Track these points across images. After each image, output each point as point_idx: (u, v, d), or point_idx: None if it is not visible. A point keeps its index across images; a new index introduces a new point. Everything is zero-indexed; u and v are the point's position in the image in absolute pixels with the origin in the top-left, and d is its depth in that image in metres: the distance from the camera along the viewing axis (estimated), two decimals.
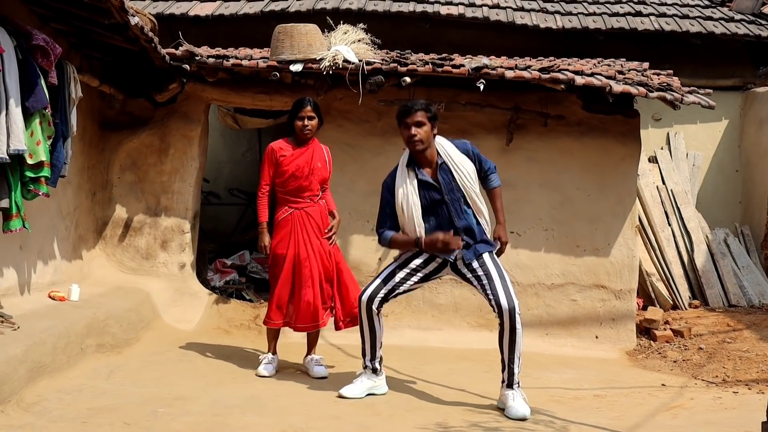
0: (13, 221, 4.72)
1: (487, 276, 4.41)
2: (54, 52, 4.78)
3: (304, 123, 5.15)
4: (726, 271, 8.01)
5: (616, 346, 6.65)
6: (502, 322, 4.34)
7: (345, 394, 4.54)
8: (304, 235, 5.15)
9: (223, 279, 7.77)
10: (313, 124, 5.19)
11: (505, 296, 4.32)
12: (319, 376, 5.10)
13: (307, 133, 5.18)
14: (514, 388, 4.40)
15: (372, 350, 4.60)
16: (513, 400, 4.35)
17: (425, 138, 4.44)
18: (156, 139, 6.87)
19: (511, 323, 4.30)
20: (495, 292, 4.35)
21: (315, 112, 5.20)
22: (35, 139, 4.75)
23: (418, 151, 4.48)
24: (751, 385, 5.37)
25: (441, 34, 8.80)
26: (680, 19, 8.87)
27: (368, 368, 4.63)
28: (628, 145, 6.83)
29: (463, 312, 6.65)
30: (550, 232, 6.81)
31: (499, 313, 4.33)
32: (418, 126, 4.43)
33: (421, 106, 4.48)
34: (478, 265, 4.46)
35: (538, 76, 6.22)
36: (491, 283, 4.38)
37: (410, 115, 4.44)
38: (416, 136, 4.42)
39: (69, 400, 4.15)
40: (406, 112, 4.47)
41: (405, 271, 4.53)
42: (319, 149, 5.30)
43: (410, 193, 4.49)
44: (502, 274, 4.43)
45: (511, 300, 4.32)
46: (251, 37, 8.09)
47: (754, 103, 8.80)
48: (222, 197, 9.76)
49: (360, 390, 4.58)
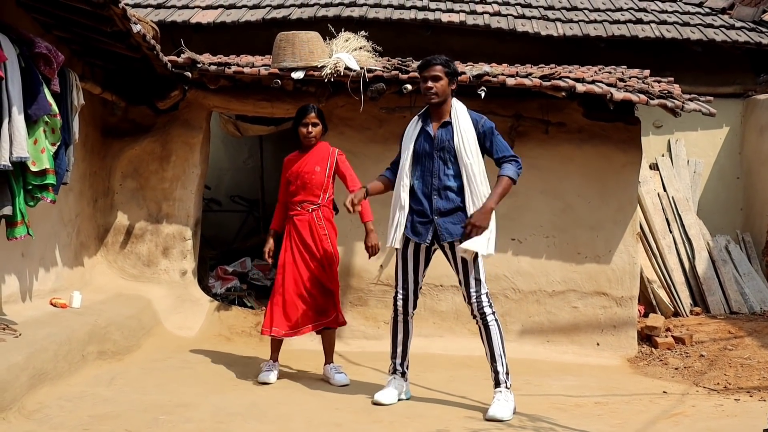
0: (18, 228, 4.73)
1: (463, 267, 4.51)
2: (57, 59, 4.80)
3: (308, 129, 5.21)
4: (727, 278, 8.00)
5: (618, 353, 6.64)
6: (475, 320, 4.51)
7: (381, 401, 4.59)
8: (288, 242, 5.22)
9: (224, 286, 7.78)
10: (317, 131, 5.24)
11: (475, 293, 4.46)
12: (340, 384, 5.10)
13: (311, 140, 5.23)
14: (500, 388, 4.46)
15: (404, 353, 4.74)
16: (494, 402, 4.44)
17: (440, 92, 4.56)
18: (157, 146, 6.88)
19: (481, 320, 4.47)
20: (468, 286, 4.49)
21: (319, 119, 5.25)
22: (39, 147, 4.76)
23: (433, 104, 4.61)
24: (752, 393, 5.36)
25: (442, 41, 8.82)
26: (681, 27, 8.88)
27: (398, 371, 4.74)
28: (629, 153, 6.83)
29: (464, 319, 6.64)
30: (551, 239, 6.81)
31: (469, 307, 4.51)
32: (434, 80, 4.55)
33: (439, 60, 4.59)
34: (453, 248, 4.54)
35: (539, 83, 6.23)
36: (466, 276, 4.50)
37: (427, 69, 4.57)
38: (432, 89, 4.55)
39: (70, 408, 4.16)
40: (424, 65, 4.60)
41: (411, 263, 4.64)
42: (322, 153, 5.29)
43: (410, 138, 4.67)
44: (478, 269, 4.50)
45: (480, 297, 4.46)
46: (253, 45, 8.11)
47: (755, 110, 8.81)
48: (223, 204, 9.77)
49: (394, 395, 4.67)
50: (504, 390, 4.45)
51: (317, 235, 5.20)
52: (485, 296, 4.49)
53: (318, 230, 5.21)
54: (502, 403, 4.40)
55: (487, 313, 4.46)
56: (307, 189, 5.22)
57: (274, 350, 5.27)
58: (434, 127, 4.63)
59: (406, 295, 4.65)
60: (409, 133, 4.72)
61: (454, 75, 4.64)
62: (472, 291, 4.48)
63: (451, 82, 4.61)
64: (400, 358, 4.74)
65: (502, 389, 4.46)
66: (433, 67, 4.57)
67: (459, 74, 4.70)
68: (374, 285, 6.69)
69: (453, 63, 4.66)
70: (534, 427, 4.28)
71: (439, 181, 4.56)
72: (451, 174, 4.56)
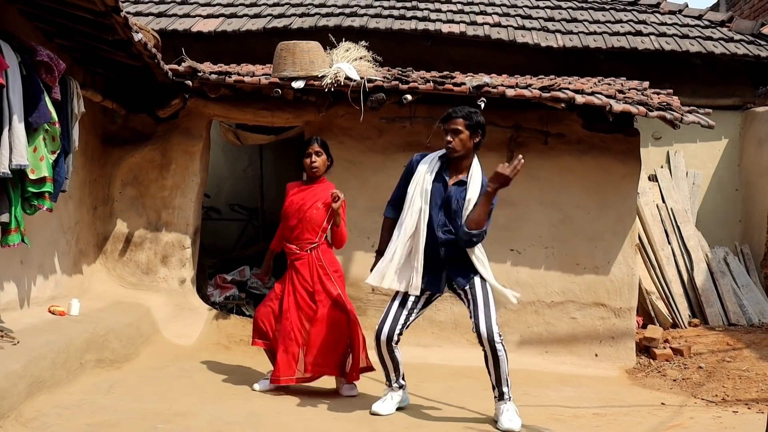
0: (11, 236, 4.72)
1: (473, 301, 4.47)
2: (58, 68, 4.81)
3: (312, 159, 5.13)
4: (726, 290, 8.01)
5: (616, 365, 6.64)
6: (483, 349, 4.41)
7: (379, 412, 4.59)
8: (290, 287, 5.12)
9: (223, 294, 7.77)
10: (321, 161, 5.16)
11: (485, 324, 4.36)
12: (348, 395, 5.09)
13: (315, 171, 5.15)
14: (504, 400, 4.48)
15: (396, 374, 4.70)
16: (503, 413, 4.44)
17: (459, 146, 4.47)
18: (158, 154, 6.89)
19: (491, 350, 4.37)
20: (477, 318, 4.40)
21: (323, 149, 5.19)
22: (38, 155, 4.76)
23: (452, 159, 4.53)
24: (750, 405, 5.35)
25: (442, 51, 8.85)
26: (680, 39, 8.91)
27: (395, 387, 4.73)
28: (628, 164, 6.85)
29: (462, 329, 6.64)
30: (550, 249, 6.82)
31: (479, 339, 4.40)
32: (454, 134, 4.46)
33: (462, 113, 4.48)
34: (469, 287, 4.52)
35: (539, 94, 6.25)
36: (476, 309, 4.44)
37: (448, 122, 4.49)
38: (450, 143, 4.46)
39: (68, 416, 4.15)
40: (446, 117, 4.52)
41: (411, 300, 4.55)
42: (326, 190, 5.17)
43: (427, 178, 4.53)
44: (487, 301, 4.46)
45: (491, 328, 4.35)
46: (253, 54, 8.14)
47: (754, 123, 8.83)
48: (223, 212, 9.78)
49: (391, 406, 4.67)
50: (509, 402, 4.48)
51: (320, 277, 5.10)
52: (497, 327, 4.41)
53: (320, 271, 5.11)
54: (513, 414, 4.43)
55: (497, 341, 4.36)
56: (306, 225, 5.11)
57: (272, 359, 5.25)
58: (450, 178, 4.54)
59: (391, 333, 4.51)
60: (425, 165, 4.58)
61: (477, 127, 4.48)
62: (484, 325, 4.36)
63: (473, 134, 4.48)
64: (394, 376, 4.71)
65: (507, 401, 4.48)
66: (453, 121, 4.46)
67: (483, 126, 4.50)
68: (372, 294, 6.69)
69: (477, 115, 4.50)
70: None
71: (443, 234, 4.48)
72: (450, 228, 4.49)
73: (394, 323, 4.52)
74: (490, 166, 6.52)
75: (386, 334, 4.50)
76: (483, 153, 6.62)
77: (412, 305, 4.56)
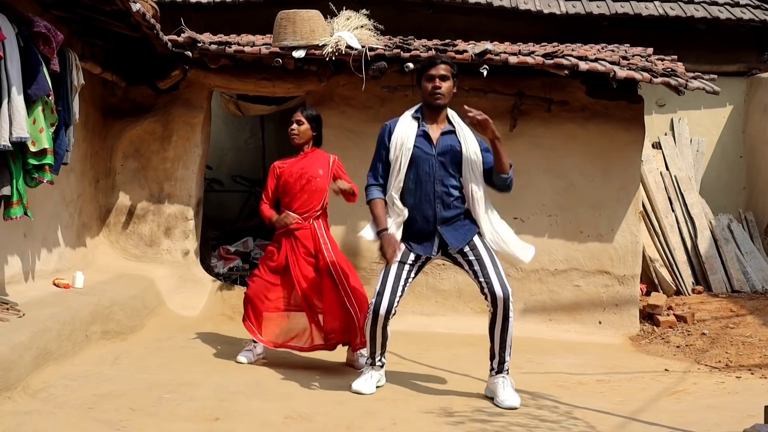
0: (14, 209, 4.71)
1: (479, 261, 4.29)
2: (56, 39, 4.77)
3: (291, 127, 5.08)
4: (729, 257, 8.00)
5: (620, 332, 6.66)
6: (495, 311, 4.22)
7: (361, 390, 4.39)
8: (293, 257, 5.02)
9: (226, 266, 7.80)
10: (302, 130, 5.06)
11: (500, 284, 4.21)
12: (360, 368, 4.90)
13: (294, 138, 5.06)
14: (503, 374, 4.31)
15: (382, 351, 4.50)
16: (503, 389, 4.27)
17: (447, 93, 4.34)
18: (159, 126, 6.87)
19: (504, 311, 4.20)
20: (489, 279, 4.23)
21: (307, 120, 5.08)
22: (38, 127, 4.74)
23: (436, 106, 4.36)
24: (753, 370, 5.37)
25: (444, 19, 8.77)
26: (685, 5, 8.81)
27: (377, 365, 4.52)
28: (632, 131, 6.81)
29: (466, 297, 6.65)
30: (553, 218, 6.81)
31: (493, 301, 4.21)
32: (442, 79, 4.32)
33: (447, 60, 4.40)
34: (469, 249, 4.34)
35: (542, 61, 6.19)
36: (484, 269, 4.26)
37: (435, 67, 4.33)
38: (439, 88, 4.31)
39: (75, 387, 4.17)
40: (431, 63, 4.36)
41: (405, 270, 4.36)
42: (322, 158, 5.13)
43: (408, 138, 4.35)
44: (495, 260, 4.30)
45: (506, 288, 4.21)
46: (253, 24, 8.07)
47: (759, 89, 8.76)
48: (225, 184, 9.77)
49: (373, 385, 4.46)
50: (507, 376, 4.32)
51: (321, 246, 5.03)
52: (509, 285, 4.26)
53: (320, 240, 5.04)
54: (511, 390, 4.27)
55: (512, 302, 4.21)
56: (309, 194, 5.04)
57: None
58: (433, 130, 4.38)
59: (389, 308, 4.30)
60: (403, 133, 4.38)
61: (457, 77, 4.43)
62: (496, 279, 4.21)
63: (454, 83, 4.38)
64: (379, 354, 4.48)
65: (506, 375, 4.32)
66: (440, 66, 4.32)
67: (459, 78, 4.47)
68: (377, 264, 6.69)
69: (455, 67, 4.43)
70: (536, 404, 4.30)
71: (442, 187, 4.33)
72: (453, 182, 4.34)
73: (393, 296, 4.31)
74: None
75: (386, 308, 4.29)
76: None
77: (407, 275, 4.36)
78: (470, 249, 4.34)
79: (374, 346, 4.45)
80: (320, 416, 3.90)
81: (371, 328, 4.38)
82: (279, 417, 3.85)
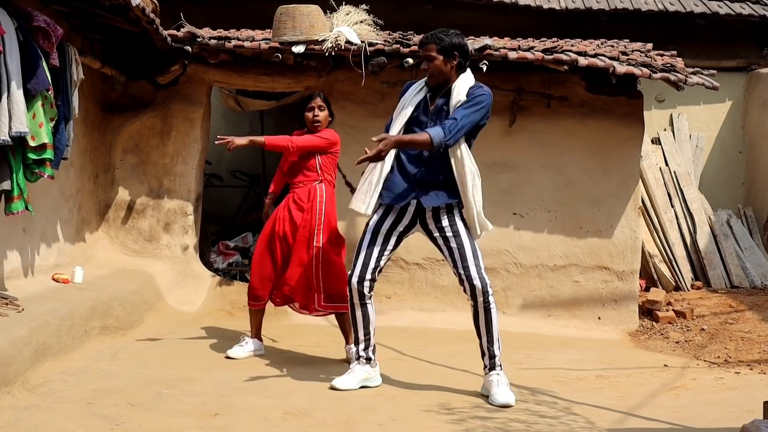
0: (15, 203, 4.71)
1: (460, 248, 4.17)
2: (55, 33, 4.76)
3: (315, 114, 5.05)
4: (728, 253, 8.01)
5: (619, 327, 6.67)
6: (475, 304, 4.16)
7: (338, 386, 4.28)
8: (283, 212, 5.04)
9: (226, 261, 7.79)
10: (324, 115, 5.08)
11: (477, 274, 4.11)
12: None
13: (317, 125, 5.06)
14: (496, 370, 4.22)
15: (366, 338, 4.34)
16: (497, 387, 4.17)
17: (435, 72, 4.23)
18: (158, 121, 6.86)
19: (484, 303, 4.14)
20: (467, 268, 4.13)
21: (326, 104, 5.12)
22: (37, 121, 4.73)
23: (435, 86, 4.30)
24: (752, 366, 5.38)
25: (443, 15, 8.75)
26: (684, 0, 8.80)
27: (362, 358, 4.37)
28: (631, 127, 6.81)
29: None
30: (553, 213, 6.81)
31: (472, 293, 4.14)
32: (428, 60, 4.24)
33: (432, 39, 4.25)
34: (449, 225, 4.21)
35: (541, 57, 6.19)
36: (464, 260, 4.15)
37: (422, 49, 4.31)
38: (426, 70, 4.26)
39: (74, 382, 4.17)
40: (419, 44, 4.37)
41: (380, 239, 4.26)
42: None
43: (409, 102, 4.34)
44: (475, 248, 4.19)
45: (483, 278, 4.12)
46: (253, 19, 8.04)
47: (758, 84, 8.76)
48: (224, 179, 9.76)
49: (354, 381, 4.32)
50: (501, 372, 4.23)
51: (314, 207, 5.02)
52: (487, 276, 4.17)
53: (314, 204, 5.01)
54: (505, 388, 4.19)
55: (490, 293, 4.14)
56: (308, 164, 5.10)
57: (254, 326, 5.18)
58: (433, 99, 4.32)
59: (362, 276, 4.22)
60: (410, 95, 4.38)
61: (451, 49, 4.20)
62: (474, 270, 4.12)
63: (449, 58, 4.21)
64: (363, 344, 4.34)
65: (499, 372, 4.23)
66: (425, 47, 4.26)
67: (459, 46, 4.21)
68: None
69: (450, 36, 4.23)
70: (535, 400, 4.31)
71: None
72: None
73: (365, 265, 4.21)
74: (492, 131, 6.53)
75: (357, 276, 4.20)
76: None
77: (382, 243, 4.25)
78: (450, 227, 4.22)
79: (357, 330, 4.34)
80: (319, 412, 3.90)
81: (350, 304, 4.31)
82: (278, 412, 3.85)
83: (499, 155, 6.71)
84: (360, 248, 4.31)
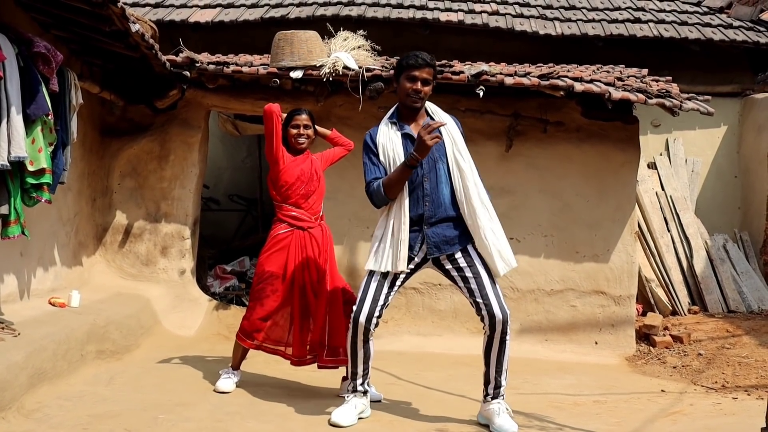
0: (11, 228, 4.72)
1: (477, 279, 4.02)
2: (55, 59, 4.80)
3: (300, 132, 4.81)
4: (725, 277, 8.02)
5: (616, 352, 6.66)
6: (492, 334, 4.00)
7: (340, 423, 4.09)
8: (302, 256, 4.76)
9: (223, 285, 7.78)
10: (309, 134, 4.85)
11: (499, 306, 3.97)
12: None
13: (301, 144, 4.82)
14: (498, 399, 4.09)
15: (365, 373, 4.21)
16: (499, 416, 4.05)
17: (426, 97, 4.10)
18: (156, 145, 6.89)
19: (502, 334, 3.99)
20: (488, 300, 3.98)
21: (313, 124, 4.89)
22: (36, 146, 4.76)
23: (416, 109, 4.12)
24: (750, 391, 5.37)
25: (440, 40, 8.83)
26: (679, 26, 8.89)
27: (359, 392, 4.24)
28: (627, 152, 6.84)
29: (462, 318, 6.65)
30: (549, 238, 6.83)
31: (491, 323, 3.98)
32: (425, 83, 4.06)
33: (430, 62, 4.07)
34: (463, 257, 4.07)
35: (538, 82, 6.24)
36: (482, 289, 4.01)
37: (420, 69, 4.03)
38: (420, 93, 4.05)
39: (69, 407, 4.16)
40: (414, 64, 4.04)
41: (390, 277, 4.11)
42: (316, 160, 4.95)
43: (394, 144, 4.11)
44: (493, 280, 4.04)
45: (505, 310, 3.98)
46: (251, 44, 8.12)
47: (753, 109, 8.82)
48: (222, 203, 9.78)
49: (354, 416, 4.17)
50: (503, 401, 4.13)
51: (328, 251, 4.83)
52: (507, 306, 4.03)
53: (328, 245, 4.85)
54: (507, 417, 4.07)
55: (509, 324, 4.00)
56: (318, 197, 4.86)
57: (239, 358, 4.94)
58: (414, 129, 4.11)
59: (371, 313, 4.06)
60: (387, 140, 4.13)
61: (436, 78, 4.18)
62: (494, 299, 3.98)
63: (432, 87, 4.12)
64: (361, 378, 4.20)
65: (501, 401, 4.12)
66: (424, 68, 4.04)
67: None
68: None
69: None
70: (534, 425, 4.29)
71: (430, 184, 4.05)
72: (442, 174, 4.06)
73: (374, 304, 4.06)
74: (489, 156, 6.58)
75: (365, 314, 4.03)
76: (482, 142, 6.67)
77: (390, 282, 4.10)
78: (465, 260, 4.07)
79: (356, 365, 4.18)
80: None
81: (352, 341, 4.13)
82: None
83: (495, 180, 6.72)
84: (368, 285, 4.13)
